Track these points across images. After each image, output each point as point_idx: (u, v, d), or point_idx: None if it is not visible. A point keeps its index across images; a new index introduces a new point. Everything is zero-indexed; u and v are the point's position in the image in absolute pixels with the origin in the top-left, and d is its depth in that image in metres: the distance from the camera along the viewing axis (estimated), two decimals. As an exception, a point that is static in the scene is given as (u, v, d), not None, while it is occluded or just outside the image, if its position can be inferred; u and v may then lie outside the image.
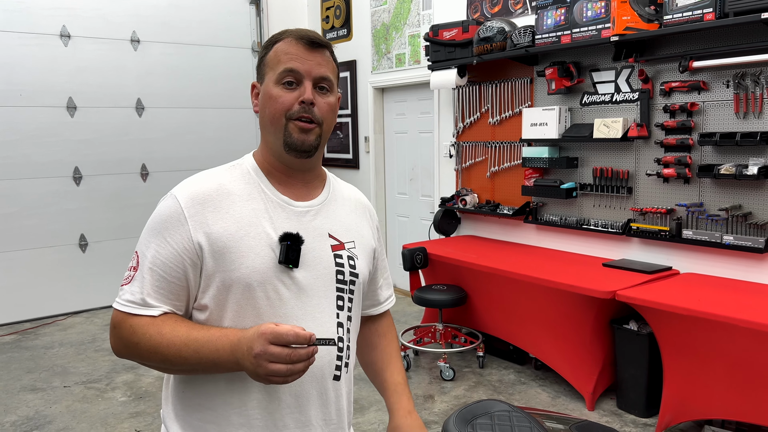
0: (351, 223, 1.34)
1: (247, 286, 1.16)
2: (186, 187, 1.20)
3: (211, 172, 1.25)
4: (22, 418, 3.58)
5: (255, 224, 1.19)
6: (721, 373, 2.93)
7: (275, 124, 1.20)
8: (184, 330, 1.13)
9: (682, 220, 3.57)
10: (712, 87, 3.38)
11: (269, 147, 1.24)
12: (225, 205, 1.18)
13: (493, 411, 1.63)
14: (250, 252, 1.16)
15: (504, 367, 4.16)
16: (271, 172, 1.25)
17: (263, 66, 1.23)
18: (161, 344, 1.11)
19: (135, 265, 1.17)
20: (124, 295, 1.16)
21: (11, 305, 5.34)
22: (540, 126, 4.15)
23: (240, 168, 1.26)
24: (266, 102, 1.20)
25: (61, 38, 5.43)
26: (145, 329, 1.13)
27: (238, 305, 1.17)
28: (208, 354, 1.10)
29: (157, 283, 1.15)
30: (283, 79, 1.18)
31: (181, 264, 1.15)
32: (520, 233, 4.65)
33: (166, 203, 1.18)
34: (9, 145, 5.26)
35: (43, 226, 5.47)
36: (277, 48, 1.21)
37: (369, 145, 6.07)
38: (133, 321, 1.14)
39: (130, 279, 1.17)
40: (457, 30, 4.55)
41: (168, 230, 1.15)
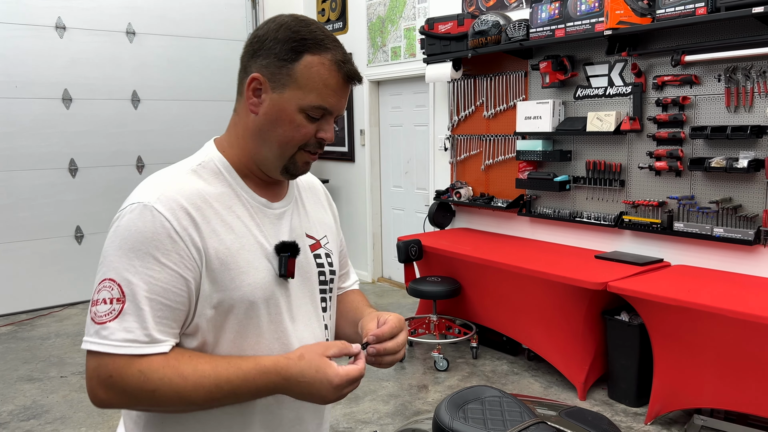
0: (319, 216, 1.28)
1: (250, 304, 1.06)
2: (161, 195, 1.02)
3: (178, 174, 1.08)
4: (19, 407, 3.61)
5: (246, 235, 1.08)
6: (710, 363, 2.97)
7: (283, 150, 1.08)
8: (209, 368, 0.99)
9: (673, 212, 3.61)
10: (704, 81, 3.42)
11: (257, 158, 1.11)
12: (212, 216, 1.05)
13: (483, 396, 1.67)
14: (249, 267, 1.06)
15: (497, 358, 4.21)
16: (247, 174, 1.13)
17: (286, 76, 1.05)
18: (186, 389, 0.96)
19: (119, 296, 0.96)
20: (116, 334, 0.95)
21: (7, 296, 5.36)
22: (534, 119, 4.18)
23: (209, 168, 1.10)
24: (281, 122, 1.06)
25: (56, 30, 5.43)
26: (162, 372, 0.96)
27: (239, 326, 1.06)
28: (247, 393, 1.00)
29: (161, 313, 0.98)
30: (311, 112, 1.06)
31: (184, 287, 1.00)
32: (513, 226, 4.69)
33: (143, 217, 0.99)
34: (4, 137, 5.26)
35: (39, 217, 5.48)
36: (313, 67, 1.05)
37: (364, 138, 6.09)
38: (142, 365, 0.95)
39: (116, 313, 0.96)
40: (452, 23, 4.57)
41: (159, 249, 0.98)
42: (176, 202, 1.01)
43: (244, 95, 1.09)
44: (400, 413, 3.44)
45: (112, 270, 0.98)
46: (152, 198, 1.01)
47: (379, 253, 6.25)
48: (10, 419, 3.46)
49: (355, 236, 6.43)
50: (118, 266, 0.98)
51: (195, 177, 1.07)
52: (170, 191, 1.02)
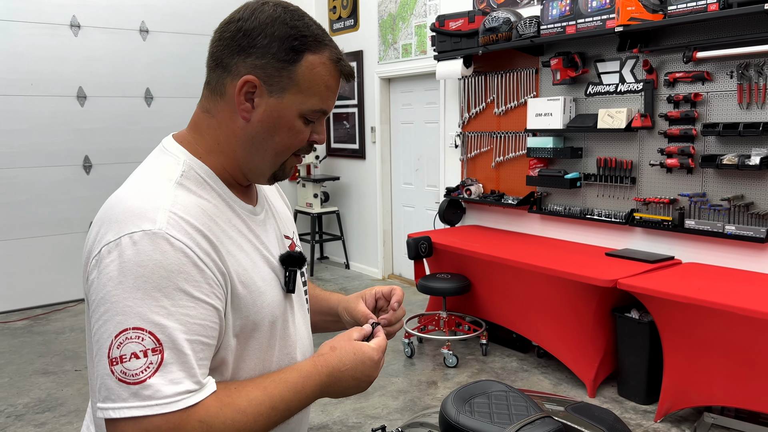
0: (284, 212, 1.20)
1: (270, 323, 1.00)
2: (167, 217, 0.87)
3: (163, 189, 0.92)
4: (34, 400, 3.67)
5: (253, 250, 1.00)
6: (720, 361, 2.96)
7: (279, 158, 1.00)
8: (259, 393, 0.91)
9: (684, 210, 3.59)
10: (716, 77, 3.39)
11: (246, 166, 1.00)
12: (220, 234, 0.93)
13: (490, 391, 1.68)
14: (265, 285, 0.99)
15: (507, 355, 4.21)
16: (230, 181, 1.02)
17: (287, 79, 0.94)
18: (248, 423, 0.88)
19: (155, 346, 0.82)
20: (163, 389, 0.81)
21: (23, 291, 5.44)
22: (545, 116, 4.18)
23: (191, 177, 0.96)
24: (279, 129, 0.96)
25: (71, 28, 5.49)
26: (222, 415, 0.86)
27: (260, 347, 1.00)
28: (299, 404, 0.95)
29: (202, 354, 0.86)
30: (310, 116, 0.98)
31: (217, 319, 0.89)
32: (524, 223, 4.68)
33: (158, 247, 0.84)
34: (20, 134, 5.34)
35: (54, 213, 5.56)
36: (316, 68, 0.95)
37: (375, 135, 6.11)
38: (200, 414, 0.84)
39: (155, 366, 0.81)
40: (463, 20, 4.57)
41: (188, 282, 0.85)
42: (188, 224, 0.88)
43: (229, 98, 0.96)
44: (410, 409, 3.46)
45: (133, 317, 0.82)
46: (160, 223, 0.86)
47: (390, 250, 6.27)
48: (25, 411, 3.52)
49: (365, 233, 6.46)
50: (142, 311, 0.82)
51: (184, 191, 0.93)
52: (174, 211, 0.88)
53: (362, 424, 3.29)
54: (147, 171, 0.98)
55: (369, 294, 1.18)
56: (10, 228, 5.37)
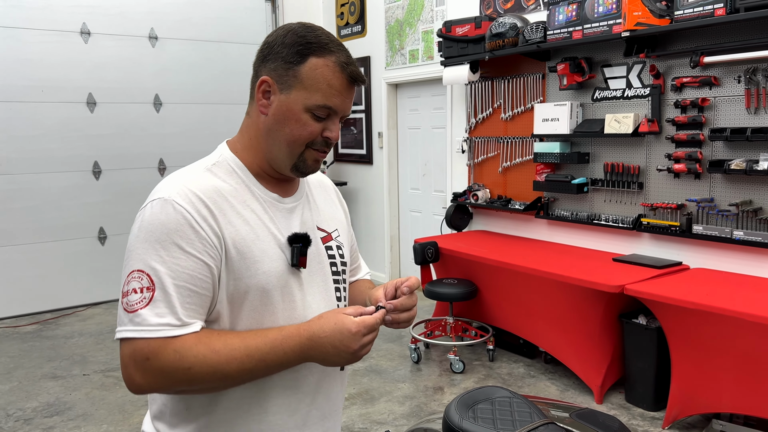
0: (329, 211, 1.34)
1: (264, 291, 1.12)
2: (179, 190, 1.08)
3: (193, 172, 1.14)
4: (43, 404, 3.69)
5: (260, 226, 1.14)
6: (729, 368, 2.94)
7: (293, 148, 1.14)
8: (238, 341, 1.05)
9: (692, 215, 3.57)
10: (724, 82, 3.38)
11: (269, 157, 1.17)
12: (227, 208, 1.11)
13: (494, 397, 1.68)
14: (264, 256, 1.12)
15: (514, 361, 4.20)
16: (259, 173, 1.19)
17: (293, 77, 1.11)
18: (219, 362, 1.03)
19: (149, 285, 1.02)
20: (150, 319, 1.01)
21: (33, 296, 5.48)
22: (551, 121, 4.17)
23: (223, 166, 1.17)
24: (289, 121, 1.12)
25: (81, 35, 5.55)
26: (196, 350, 1.02)
27: (254, 311, 1.12)
28: (275, 359, 1.06)
29: (189, 299, 1.04)
30: (316, 111, 1.12)
31: (209, 273, 1.06)
32: (531, 228, 4.67)
33: (165, 210, 1.05)
34: (31, 140, 5.39)
35: (64, 219, 5.60)
36: (318, 69, 1.11)
37: (382, 140, 6.12)
38: (176, 344, 1.02)
39: (147, 300, 1.02)
40: (469, 26, 4.58)
41: (183, 239, 1.04)
42: (194, 194, 1.08)
43: (255, 98, 1.16)
44: (416, 414, 3.46)
45: (139, 261, 1.04)
46: (172, 193, 1.07)
47: (397, 255, 6.27)
48: (34, 415, 3.55)
49: (372, 238, 6.46)
50: (145, 257, 1.04)
51: (210, 175, 1.14)
52: (187, 186, 1.09)
53: (368, 430, 3.29)
54: (195, 162, 1.19)
55: (390, 284, 1.25)
56: (20, 233, 5.41)
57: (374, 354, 4.38)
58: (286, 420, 1.19)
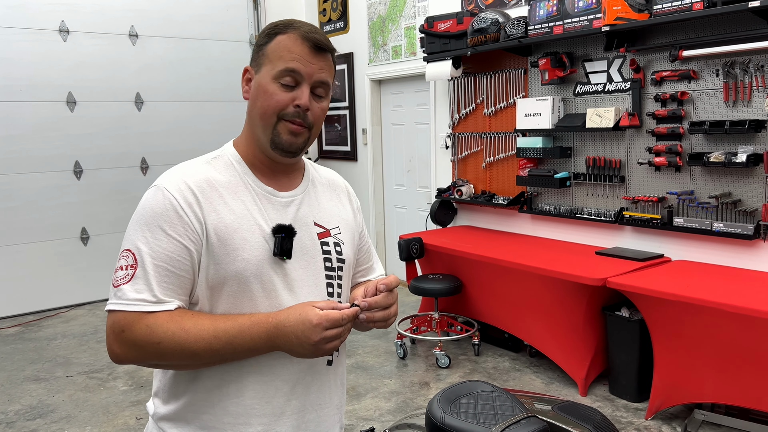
0: (333, 209, 1.35)
1: (243, 279, 1.16)
2: (173, 179, 1.17)
3: (193, 164, 1.22)
4: (26, 407, 3.65)
5: (246, 216, 1.18)
6: (710, 358, 2.98)
7: (265, 121, 1.18)
8: (208, 322, 1.11)
9: (673, 208, 3.61)
10: (702, 76, 3.41)
11: (255, 140, 1.22)
12: (215, 198, 1.17)
13: (476, 391, 1.69)
14: (245, 244, 1.16)
15: (499, 355, 4.22)
16: (255, 164, 1.24)
17: (262, 55, 1.19)
18: (188, 340, 1.08)
19: (132, 263, 1.11)
20: (129, 294, 1.10)
21: (15, 298, 5.41)
22: (534, 116, 4.19)
23: (222, 159, 1.24)
24: (259, 95, 1.18)
25: (60, 33, 5.47)
26: (166, 326, 1.08)
27: (233, 297, 1.16)
28: (243, 343, 1.10)
29: (166, 279, 1.11)
30: (282, 78, 1.16)
31: (188, 256, 1.13)
32: (515, 223, 4.69)
33: (155, 196, 1.14)
34: (10, 140, 5.31)
35: (45, 219, 5.53)
36: (281, 41, 1.17)
37: (367, 137, 6.12)
38: (149, 320, 1.09)
39: (129, 277, 1.10)
40: (451, 21, 4.58)
41: (167, 222, 1.12)
42: (184, 183, 1.16)
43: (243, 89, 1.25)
44: (402, 410, 3.46)
45: (129, 241, 1.14)
46: (165, 181, 1.16)
47: (382, 251, 6.27)
48: (16, 418, 3.51)
49: (358, 235, 6.45)
50: (133, 238, 1.13)
51: (208, 167, 1.21)
52: (181, 177, 1.17)
53: (354, 427, 3.29)
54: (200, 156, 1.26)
55: (372, 283, 1.25)
56: (0, 234, 5.34)
57: (360, 350, 4.38)
58: (263, 406, 1.21)
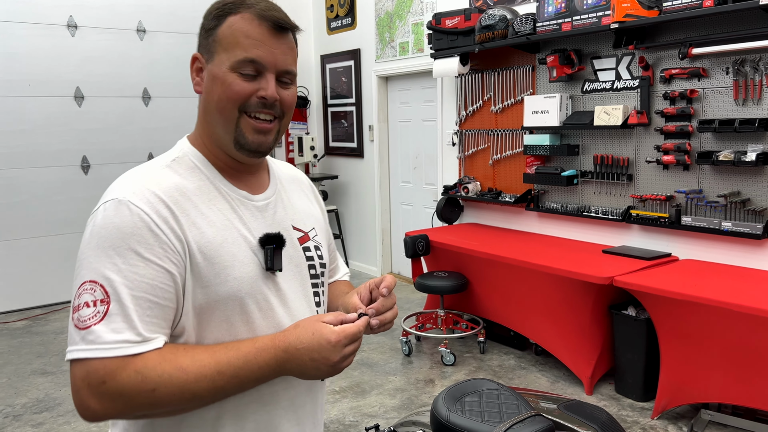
0: (305, 208, 1.22)
1: (237, 300, 1.01)
2: (136, 189, 0.97)
3: (151, 169, 1.03)
4: (32, 400, 3.68)
5: (229, 228, 1.03)
6: (717, 358, 2.96)
7: (224, 115, 1.02)
8: (206, 356, 0.93)
9: (681, 206, 3.59)
10: (712, 74, 3.39)
11: (215, 139, 1.06)
12: (190, 209, 0.99)
13: (481, 389, 1.68)
14: (234, 261, 1.01)
15: (504, 353, 4.21)
16: (218, 165, 1.08)
17: (213, 42, 1.03)
18: (188, 381, 0.91)
19: (103, 297, 0.90)
20: (105, 336, 0.89)
21: (22, 292, 5.44)
22: (541, 114, 4.17)
23: (184, 162, 1.06)
24: (214, 86, 1.02)
25: (68, 28, 5.49)
26: (160, 368, 0.90)
27: (226, 323, 1.01)
28: (249, 374, 0.95)
29: (149, 312, 0.92)
30: (241, 68, 1.01)
31: (170, 281, 0.94)
32: (521, 221, 4.68)
33: (119, 213, 0.94)
34: (19, 135, 5.34)
35: (53, 214, 5.56)
36: (234, 24, 1.01)
37: (373, 133, 6.11)
38: (137, 364, 0.89)
39: (101, 315, 0.89)
40: (459, 18, 4.56)
41: (141, 244, 0.92)
42: (153, 194, 0.97)
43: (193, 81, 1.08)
44: (407, 407, 3.46)
45: (91, 271, 0.92)
46: (127, 193, 0.96)
47: (388, 248, 6.26)
48: (23, 411, 3.53)
49: (363, 232, 6.45)
50: (98, 266, 0.92)
51: (170, 172, 1.03)
52: (144, 186, 0.98)
53: (359, 423, 3.29)
54: (152, 159, 1.08)
55: (364, 287, 1.16)
56: (8, 228, 5.37)
57: (365, 347, 4.38)
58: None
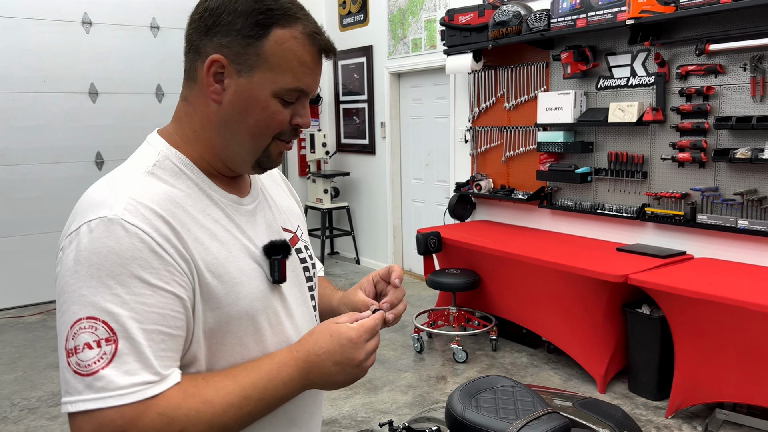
0: (287, 205, 1.14)
1: (250, 318, 0.93)
2: (126, 203, 0.83)
3: (132, 177, 0.89)
4: (48, 393, 3.71)
5: (230, 240, 0.94)
6: (733, 357, 2.93)
7: (257, 141, 0.93)
8: (228, 381, 0.85)
9: (696, 204, 3.56)
10: (729, 70, 3.35)
11: (224, 153, 0.95)
12: (188, 222, 0.88)
13: (497, 386, 1.68)
14: (242, 276, 0.92)
15: (517, 350, 4.20)
16: (209, 170, 0.97)
17: (254, 56, 0.89)
18: (216, 414, 0.83)
19: (108, 336, 0.78)
20: (118, 380, 0.77)
21: (37, 286, 5.49)
22: (555, 110, 4.15)
23: (166, 167, 0.92)
24: (251, 111, 0.91)
25: (82, 25, 5.53)
26: (186, 406, 0.81)
27: (239, 345, 0.93)
28: (275, 394, 0.88)
29: (162, 345, 0.81)
30: (286, 96, 0.92)
31: (181, 308, 0.84)
32: (534, 218, 4.66)
33: (113, 234, 0.81)
34: (33, 131, 5.38)
35: (67, 209, 5.52)
36: (286, 44, 0.90)
37: (385, 130, 6.10)
38: (159, 405, 0.79)
39: (110, 356, 0.77)
40: (472, 14, 4.54)
41: (144, 268, 0.81)
42: (147, 208, 0.84)
43: (200, 81, 0.93)
44: (419, 404, 3.46)
45: (86, 306, 0.79)
46: (116, 209, 0.82)
47: (400, 245, 6.26)
48: (39, 404, 3.56)
49: (375, 228, 6.46)
50: (95, 299, 0.79)
51: (154, 179, 0.90)
52: (134, 198, 0.85)
53: (371, 419, 3.29)
54: (124, 164, 0.94)
55: (366, 281, 1.10)
56: (23, 224, 5.42)
57: (377, 344, 4.38)
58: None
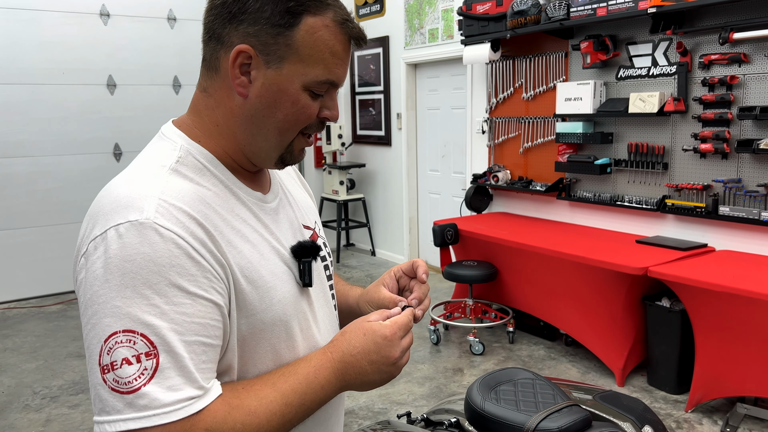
0: (303, 199, 1.09)
1: (283, 324, 0.90)
2: (156, 205, 0.78)
3: (156, 175, 0.83)
4: (68, 382, 3.76)
5: (261, 242, 0.90)
6: (755, 351, 2.89)
7: (283, 135, 0.89)
8: (269, 389, 0.83)
9: (718, 196, 3.50)
10: (754, 59, 3.28)
11: (248, 149, 0.91)
12: (220, 224, 0.84)
13: (516, 378, 1.67)
14: (275, 279, 0.89)
15: (534, 343, 4.18)
16: (233, 165, 0.92)
17: (284, 46, 0.84)
18: (261, 425, 0.80)
19: (148, 350, 0.73)
20: (162, 397, 0.73)
21: (57, 276, 5.56)
22: (574, 101, 4.10)
23: (189, 163, 0.87)
24: (281, 104, 0.86)
25: (100, 17, 5.55)
26: (231, 419, 0.78)
27: (272, 350, 0.90)
28: (314, 398, 0.87)
29: (204, 357, 0.78)
30: (316, 88, 0.87)
31: (219, 316, 0.80)
32: (552, 210, 4.62)
33: (147, 238, 0.75)
34: (53, 123, 5.44)
35: (86, 200, 5.64)
36: (317, 33, 0.84)
37: (401, 121, 6.08)
38: (205, 420, 0.76)
39: (151, 372, 0.73)
40: (490, 3, 4.50)
41: (182, 276, 0.76)
42: (181, 211, 0.79)
43: (223, 73, 0.87)
44: (435, 395, 3.46)
45: (120, 318, 0.74)
46: (148, 212, 0.77)
47: (416, 237, 6.25)
48: (60, 393, 3.61)
49: (391, 220, 6.45)
50: (130, 311, 0.74)
51: (179, 178, 0.84)
52: (164, 199, 0.79)
53: (388, 410, 3.30)
54: (141, 159, 0.89)
55: (389, 276, 1.07)
56: (43, 215, 5.49)
57: (393, 335, 4.38)
58: None
